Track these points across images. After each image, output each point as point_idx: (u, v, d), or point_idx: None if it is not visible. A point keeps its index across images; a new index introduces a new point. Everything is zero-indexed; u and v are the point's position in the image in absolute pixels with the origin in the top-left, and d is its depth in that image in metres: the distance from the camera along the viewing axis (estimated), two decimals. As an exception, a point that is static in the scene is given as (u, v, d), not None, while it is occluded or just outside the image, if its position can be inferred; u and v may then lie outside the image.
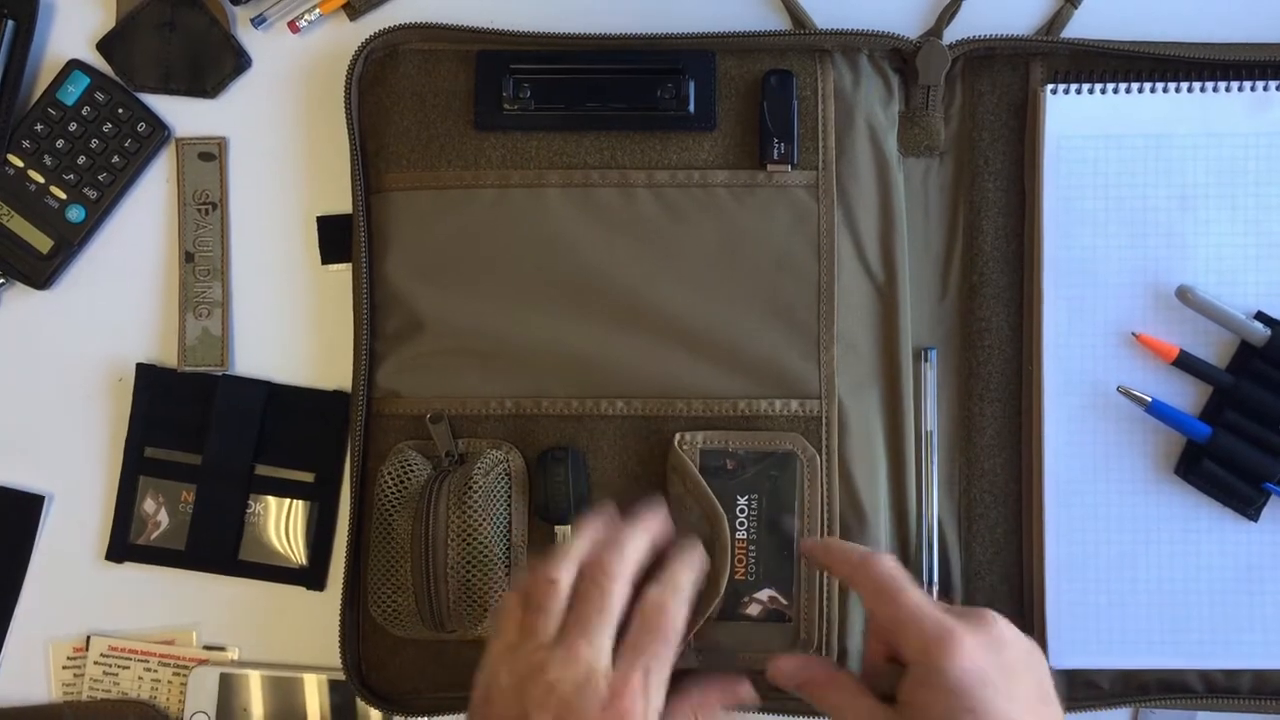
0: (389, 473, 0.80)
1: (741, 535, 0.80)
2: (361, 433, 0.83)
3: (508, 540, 0.81)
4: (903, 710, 0.65)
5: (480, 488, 0.79)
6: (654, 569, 0.70)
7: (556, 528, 0.81)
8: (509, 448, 0.81)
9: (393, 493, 0.80)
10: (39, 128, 0.85)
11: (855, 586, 0.69)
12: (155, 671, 0.86)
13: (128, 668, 0.86)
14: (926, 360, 0.83)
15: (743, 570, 0.80)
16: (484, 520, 0.79)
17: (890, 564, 0.68)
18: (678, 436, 0.80)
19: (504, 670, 0.65)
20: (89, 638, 0.86)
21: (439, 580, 0.78)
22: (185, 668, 0.86)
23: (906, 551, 0.82)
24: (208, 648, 0.86)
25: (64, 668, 0.86)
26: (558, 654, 0.64)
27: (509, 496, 0.81)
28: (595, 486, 0.81)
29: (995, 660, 0.64)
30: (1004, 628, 0.66)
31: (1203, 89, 0.81)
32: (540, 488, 0.81)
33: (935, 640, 0.64)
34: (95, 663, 0.86)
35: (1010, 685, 0.64)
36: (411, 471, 0.80)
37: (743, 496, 0.80)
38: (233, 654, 0.86)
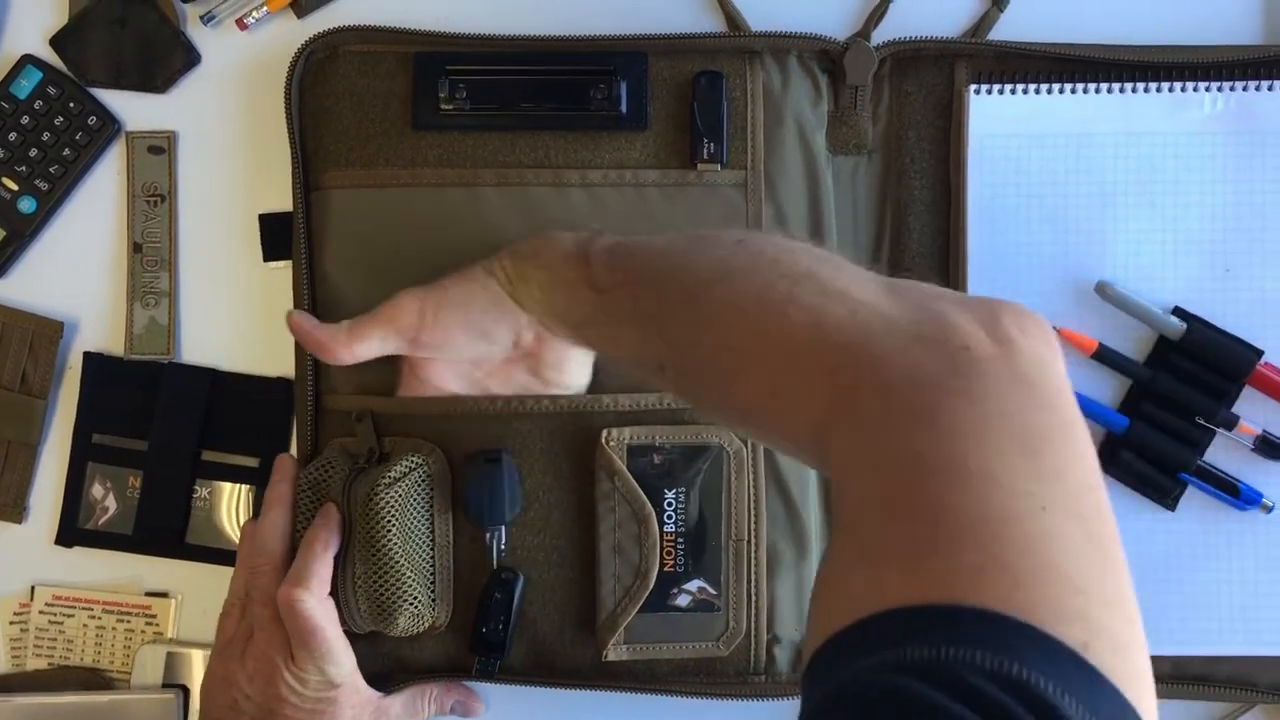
0: (306, 478, 0.82)
1: (670, 528, 0.82)
2: (310, 429, 0.84)
3: (431, 541, 0.82)
4: None
5: (385, 501, 0.78)
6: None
7: (488, 530, 0.82)
8: (430, 448, 0.82)
9: (307, 500, 0.82)
10: (-8, 121, 0.87)
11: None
12: (100, 619, 0.88)
13: (72, 616, 0.87)
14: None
15: (671, 562, 0.82)
16: (388, 532, 0.78)
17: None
18: (605, 433, 0.81)
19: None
20: (33, 587, 0.88)
21: (349, 593, 0.79)
22: (129, 614, 0.88)
23: (833, 540, 0.84)
24: (149, 594, 0.88)
25: (10, 623, 0.88)
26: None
27: (429, 501, 0.81)
28: (525, 484, 0.82)
29: None
30: None
31: (1123, 90, 0.83)
32: (476, 492, 0.81)
33: None
34: (40, 612, 0.87)
35: None
36: (331, 471, 0.82)
37: (670, 490, 0.82)
38: (176, 599, 0.88)
